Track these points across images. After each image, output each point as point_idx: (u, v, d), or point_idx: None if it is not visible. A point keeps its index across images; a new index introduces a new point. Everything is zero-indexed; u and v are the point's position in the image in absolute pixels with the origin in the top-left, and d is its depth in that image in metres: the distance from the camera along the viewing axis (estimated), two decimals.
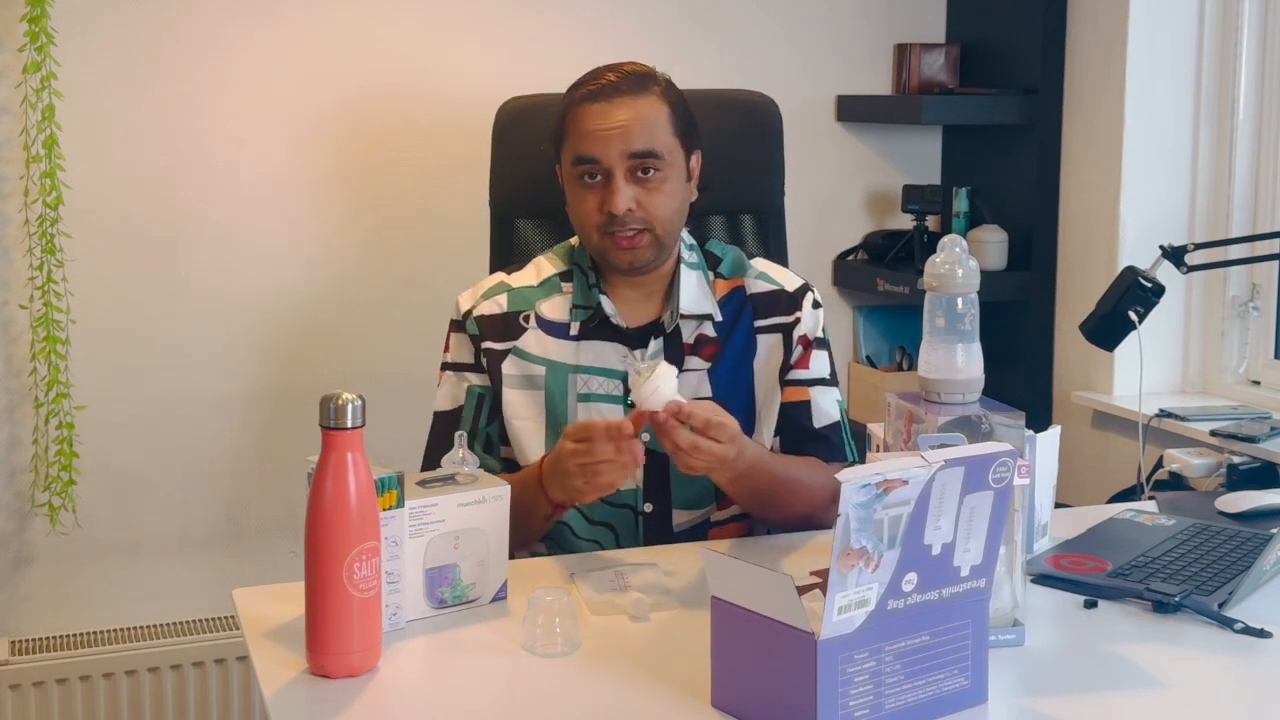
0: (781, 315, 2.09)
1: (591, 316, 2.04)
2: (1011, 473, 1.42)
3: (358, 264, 3.07)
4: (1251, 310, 3.00)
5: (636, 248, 2.00)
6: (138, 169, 2.91)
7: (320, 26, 3.00)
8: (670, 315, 2.05)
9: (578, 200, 2.02)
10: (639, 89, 2.00)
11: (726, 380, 2.05)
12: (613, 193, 1.97)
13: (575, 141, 2.00)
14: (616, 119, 1.98)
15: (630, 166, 1.98)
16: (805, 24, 3.33)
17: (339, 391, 1.47)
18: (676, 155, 2.02)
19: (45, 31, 2.72)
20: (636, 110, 1.98)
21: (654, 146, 1.98)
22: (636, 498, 2.03)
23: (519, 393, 2.05)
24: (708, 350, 2.06)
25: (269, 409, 3.04)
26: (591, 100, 1.99)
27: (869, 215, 3.45)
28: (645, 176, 1.99)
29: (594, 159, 1.98)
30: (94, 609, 2.96)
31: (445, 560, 1.68)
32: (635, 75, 2.02)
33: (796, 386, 2.07)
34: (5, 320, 2.86)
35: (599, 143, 1.98)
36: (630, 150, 1.97)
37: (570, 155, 2.01)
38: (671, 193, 2.01)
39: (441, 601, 1.69)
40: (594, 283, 2.05)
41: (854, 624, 1.33)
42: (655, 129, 1.99)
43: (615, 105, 1.98)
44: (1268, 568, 1.77)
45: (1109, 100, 3.05)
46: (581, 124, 1.99)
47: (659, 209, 1.99)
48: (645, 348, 2.04)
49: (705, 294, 2.07)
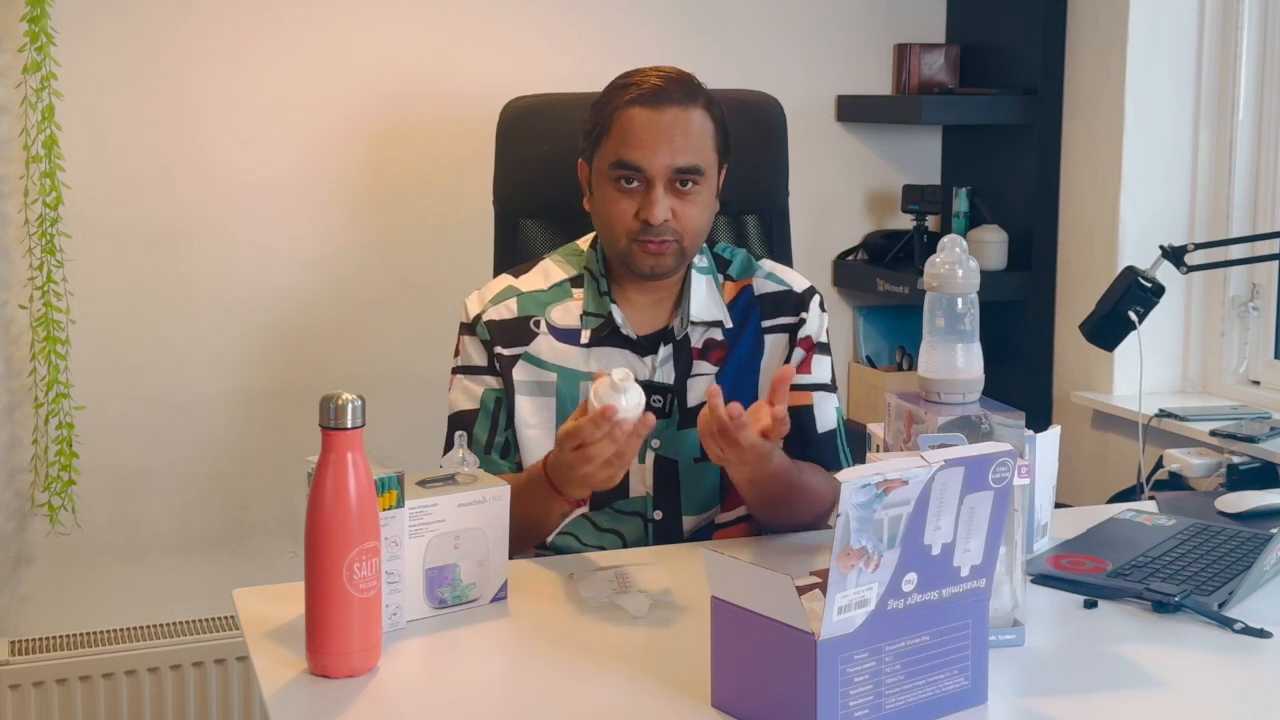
0: (788, 316, 2.08)
1: (603, 325, 2.03)
2: (1011, 473, 1.42)
3: (358, 264, 3.07)
4: (1251, 310, 3.00)
5: (663, 254, 1.98)
6: (138, 169, 2.91)
7: (321, 26, 3.00)
8: (681, 322, 2.04)
9: (609, 202, 1.99)
10: (688, 99, 1.97)
11: (732, 382, 2.04)
12: (652, 203, 1.95)
13: (619, 145, 1.97)
14: (665, 129, 1.95)
15: (671, 178, 1.96)
16: (805, 24, 3.33)
17: (339, 391, 1.47)
18: (713, 170, 2.01)
19: (45, 31, 2.72)
20: (685, 122, 1.96)
21: (698, 162, 1.96)
22: (646, 505, 2.02)
23: (529, 400, 2.02)
24: (716, 355, 2.05)
25: (269, 409, 3.04)
26: (641, 104, 1.96)
27: (869, 215, 3.45)
28: (683, 189, 1.97)
29: (639, 166, 1.95)
30: (94, 609, 2.96)
31: (445, 560, 1.68)
32: (682, 83, 1.99)
33: (799, 391, 2.05)
34: (5, 320, 2.86)
35: (645, 151, 1.95)
36: (676, 165, 1.95)
37: (611, 157, 1.98)
38: (705, 206, 2.00)
39: (441, 602, 1.68)
40: (605, 290, 2.04)
41: (854, 624, 1.33)
42: (701, 144, 1.97)
43: (664, 114, 1.95)
44: (1268, 568, 1.77)
45: (1109, 100, 3.05)
46: (628, 128, 1.96)
47: (692, 222, 1.98)
48: (655, 354, 2.03)
49: (716, 300, 2.07)
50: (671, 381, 2.02)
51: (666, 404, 2.01)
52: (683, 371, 2.03)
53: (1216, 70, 3.01)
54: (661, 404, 2.01)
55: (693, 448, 2.01)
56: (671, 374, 2.02)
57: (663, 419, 2.01)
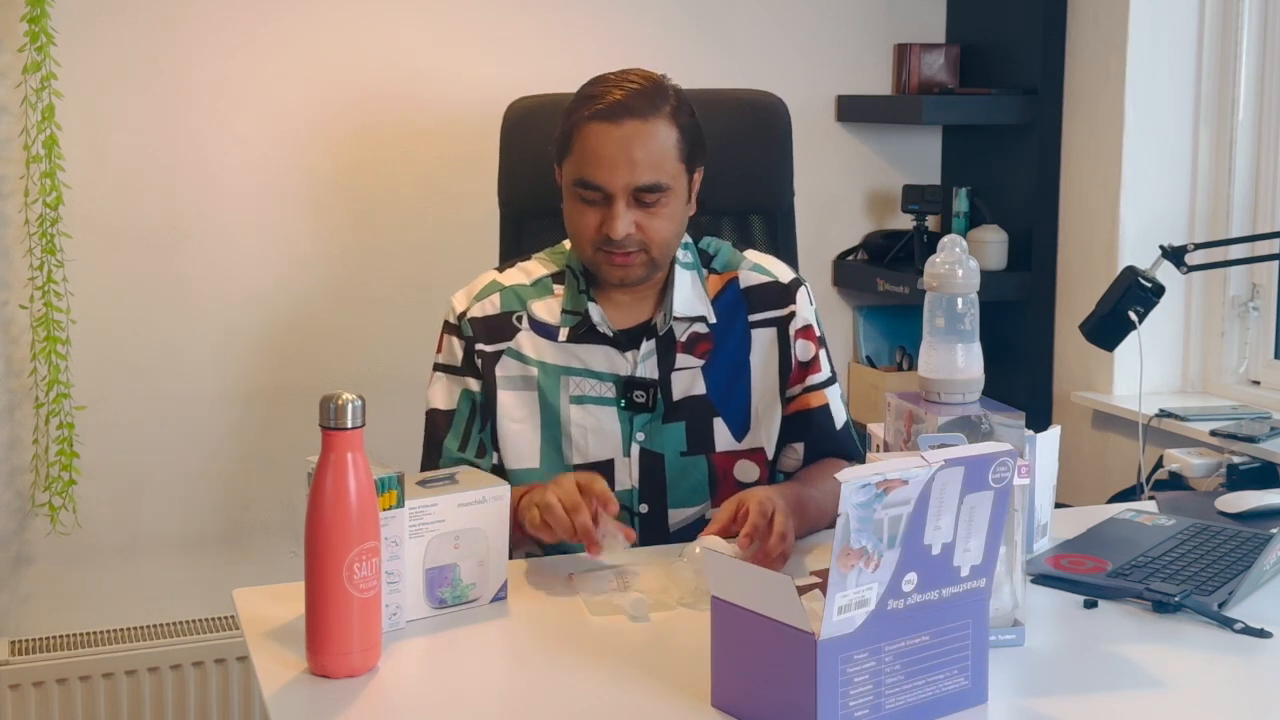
0: (775, 309, 2.09)
1: (580, 323, 2.04)
2: (1011, 473, 1.42)
3: (358, 264, 3.07)
4: (1251, 310, 3.00)
5: (629, 266, 1.99)
6: (138, 169, 2.91)
7: (322, 26, 2.99)
8: (664, 318, 2.04)
9: (575, 214, 2.00)
10: (649, 110, 1.94)
11: (723, 379, 2.05)
12: (613, 218, 1.95)
13: (579, 162, 1.96)
14: (623, 148, 1.93)
15: (632, 195, 1.95)
16: (805, 24, 3.33)
17: (339, 391, 1.48)
18: (680, 180, 1.99)
19: (45, 31, 2.72)
20: (645, 138, 1.93)
21: (659, 179, 1.95)
22: (632, 498, 2.03)
23: (513, 394, 2.04)
24: (701, 348, 2.05)
25: (269, 409, 3.04)
26: (599, 120, 1.94)
27: (869, 215, 3.45)
28: (647, 205, 1.96)
29: (598, 186, 1.95)
30: (94, 609, 2.96)
31: (445, 560, 1.68)
32: (645, 93, 1.96)
33: (815, 391, 2.08)
34: (5, 320, 2.86)
35: (603, 170, 1.94)
36: (635, 184, 1.94)
37: (573, 174, 1.98)
38: (671, 216, 1.99)
39: (441, 602, 1.68)
40: (584, 288, 2.05)
41: (854, 624, 1.33)
42: (663, 160, 1.95)
43: (623, 128, 1.93)
44: (1268, 568, 1.77)
45: (1109, 100, 3.05)
46: (587, 145, 1.95)
47: (658, 233, 1.98)
48: (637, 349, 2.03)
49: (699, 295, 2.07)
50: (655, 376, 2.03)
51: (650, 398, 2.02)
52: (667, 366, 2.04)
53: (1216, 70, 3.01)
54: (644, 399, 2.02)
55: (678, 441, 2.03)
56: (655, 369, 2.03)
57: (646, 413, 2.02)
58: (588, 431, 2.02)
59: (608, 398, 2.03)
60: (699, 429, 2.04)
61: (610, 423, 2.02)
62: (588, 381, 2.03)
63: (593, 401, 2.03)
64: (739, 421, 2.05)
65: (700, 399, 2.04)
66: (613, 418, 2.02)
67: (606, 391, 2.03)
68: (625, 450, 2.03)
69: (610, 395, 2.03)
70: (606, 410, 2.02)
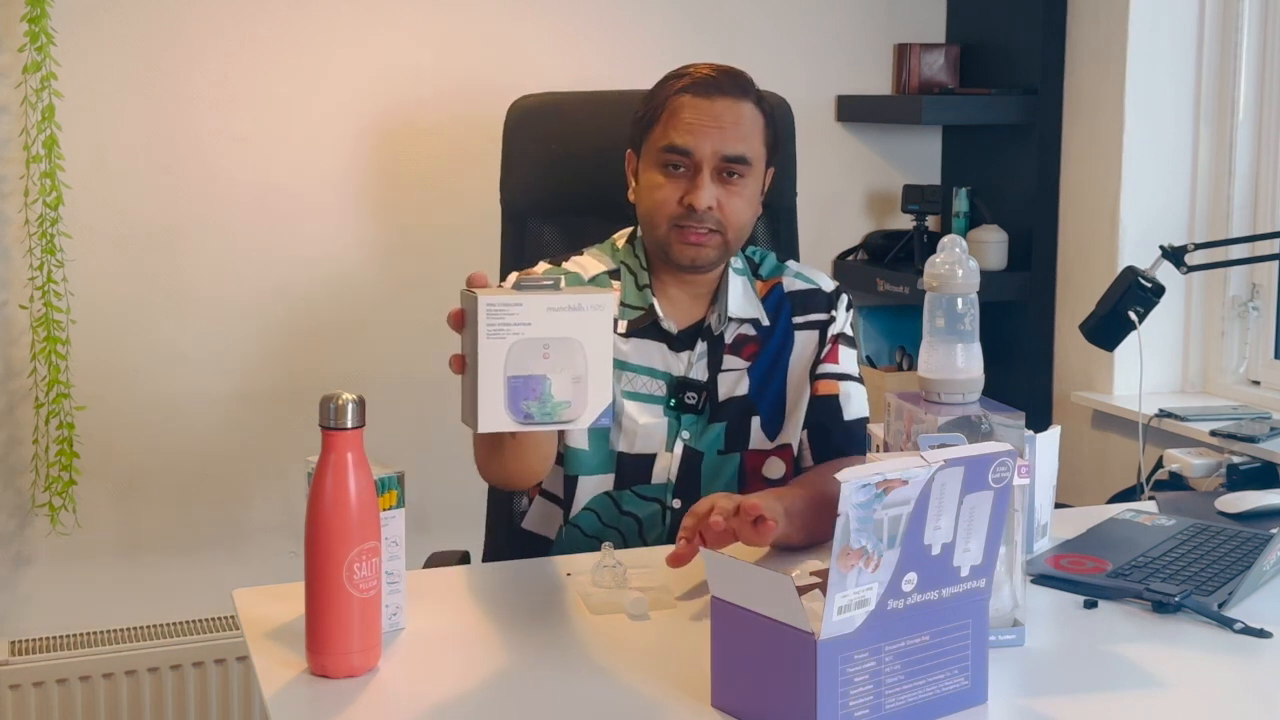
0: (819, 313, 2.11)
1: (641, 317, 2.05)
2: (1011, 473, 1.42)
3: (359, 264, 3.07)
4: (1251, 310, 3.00)
5: (704, 246, 2.00)
6: (138, 169, 2.91)
7: (323, 25, 3.00)
8: (719, 319, 2.06)
9: (654, 187, 2.01)
10: (740, 92, 2.01)
11: (763, 379, 2.07)
12: (697, 188, 1.97)
13: (669, 129, 1.99)
14: (715, 117, 1.98)
15: (719, 166, 1.98)
16: (805, 24, 3.34)
17: (339, 391, 1.47)
18: (760, 165, 2.03)
19: (45, 31, 2.72)
20: (736, 114, 1.99)
21: (746, 152, 1.99)
22: (667, 493, 2.04)
23: None
24: (748, 350, 2.07)
25: (269, 409, 3.04)
26: (693, 92, 1.99)
27: (869, 215, 3.46)
28: (729, 179, 1.99)
29: (687, 151, 1.97)
30: (94, 609, 2.96)
31: (532, 370, 1.51)
32: (735, 76, 2.03)
33: (828, 380, 2.09)
34: (5, 320, 2.86)
35: (695, 136, 1.97)
36: (724, 152, 1.97)
37: (660, 142, 2.00)
38: (750, 199, 2.02)
39: (527, 416, 1.52)
40: (646, 283, 2.06)
41: (854, 624, 1.33)
42: (751, 135, 2.00)
43: (716, 103, 1.98)
44: (1268, 568, 1.77)
45: (1109, 100, 3.05)
46: (680, 114, 1.99)
47: (736, 214, 2.00)
48: (691, 349, 2.05)
49: (751, 299, 2.09)
50: (705, 379, 2.04)
51: (700, 401, 2.04)
52: (714, 367, 2.06)
53: (1216, 70, 3.01)
54: (696, 401, 2.03)
55: (717, 440, 2.05)
56: (705, 371, 2.05)
57: (697, 414, 2.04)
58: (637, 424, 2.03)
59: (658, 396, 2.04)
60: (738, 428, 2.06)
61: (657, 419, 2.03)
62: (640, 378, 2.04)
63: (644, 399, 2.04)
64: (774, 420, 2.07)
65: (742, 399, 2.06)
66: (659, 415, 2.03)
67: (657, 390, 2.04)
68: (669, 446, 2.04)
69: (660, 394, 2.04)
70: (654, 408, 2.04)
